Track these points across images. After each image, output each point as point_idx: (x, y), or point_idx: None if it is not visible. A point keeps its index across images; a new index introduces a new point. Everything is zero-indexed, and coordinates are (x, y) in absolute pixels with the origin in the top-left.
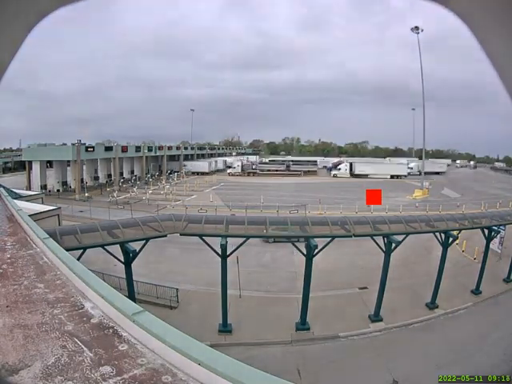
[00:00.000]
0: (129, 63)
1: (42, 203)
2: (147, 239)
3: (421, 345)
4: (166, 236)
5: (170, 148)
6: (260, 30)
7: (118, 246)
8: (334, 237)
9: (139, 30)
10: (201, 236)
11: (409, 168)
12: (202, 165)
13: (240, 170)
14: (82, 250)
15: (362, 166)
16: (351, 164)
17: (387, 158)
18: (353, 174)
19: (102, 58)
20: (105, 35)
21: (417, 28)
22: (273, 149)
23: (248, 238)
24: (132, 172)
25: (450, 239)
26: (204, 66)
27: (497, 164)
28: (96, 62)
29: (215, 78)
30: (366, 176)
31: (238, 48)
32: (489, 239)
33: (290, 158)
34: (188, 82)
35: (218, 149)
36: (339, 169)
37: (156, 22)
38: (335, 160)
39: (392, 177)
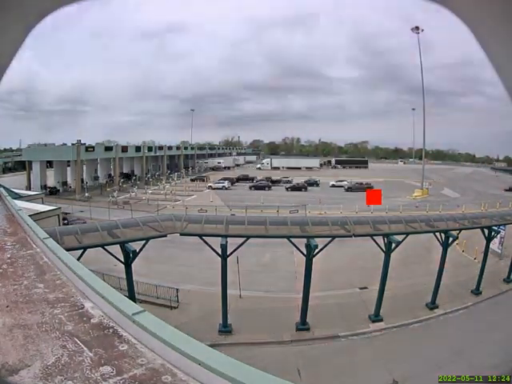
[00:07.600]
0: None
1: (42, 203)
2: (147, 239)
3: (421, 345)
4: (166, 236)
5: (170, 148)
6: None
7: (118, 246)
8: (334, 237)
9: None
10: (201, 236)
11: None
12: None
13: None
14: (82, 250)
15: None
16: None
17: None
18: None
19: None
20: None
21: (417, 28)
22: (273, 149)
23: (248, 237)
24: (132, 172)
25: (450, 239)
26: None
27: None
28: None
29: None
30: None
31: None
32: (489, 239)
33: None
34: None
35: (218, 149)
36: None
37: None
38: None
39: None
